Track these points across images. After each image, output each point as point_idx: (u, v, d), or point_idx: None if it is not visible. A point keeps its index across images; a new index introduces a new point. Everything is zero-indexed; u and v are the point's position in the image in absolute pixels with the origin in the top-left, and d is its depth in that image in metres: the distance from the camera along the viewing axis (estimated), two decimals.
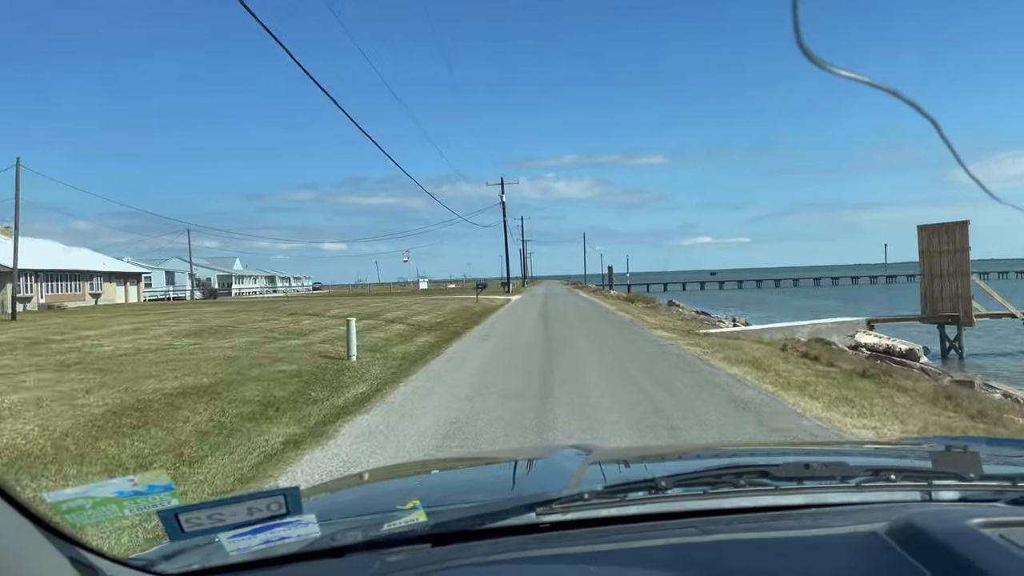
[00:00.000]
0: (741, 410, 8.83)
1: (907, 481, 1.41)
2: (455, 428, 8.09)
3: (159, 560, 1.23)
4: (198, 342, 18.05)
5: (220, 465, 6.75)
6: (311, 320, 26.37)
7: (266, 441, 7.73)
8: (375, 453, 7.09)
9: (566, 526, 1.27)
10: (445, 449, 7.19)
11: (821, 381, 11.47)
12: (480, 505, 1.34)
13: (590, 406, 9.13)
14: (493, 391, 10.54)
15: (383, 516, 1.27)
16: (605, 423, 8.11)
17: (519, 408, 9.11)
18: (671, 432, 7.65)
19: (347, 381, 12.01)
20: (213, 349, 16.24)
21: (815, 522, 1.21)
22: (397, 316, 28.50)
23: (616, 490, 1.36)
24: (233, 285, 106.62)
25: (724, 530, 1.21)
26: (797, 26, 0.88)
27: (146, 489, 1.04)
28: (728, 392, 10.26)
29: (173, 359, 14.29)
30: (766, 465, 1.48)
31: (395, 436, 7.81)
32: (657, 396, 9.86)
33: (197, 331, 21.42)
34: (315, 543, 1.16)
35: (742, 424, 7.99)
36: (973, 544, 1.02)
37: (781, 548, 1.14)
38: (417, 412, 9.17)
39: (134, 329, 22.77)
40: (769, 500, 1.34)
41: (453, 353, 16.48)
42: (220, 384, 11.02)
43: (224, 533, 1.06)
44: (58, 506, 0.99)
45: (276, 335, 19.99)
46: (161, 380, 11.36)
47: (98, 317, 32.67)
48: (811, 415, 8.60)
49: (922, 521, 1.12)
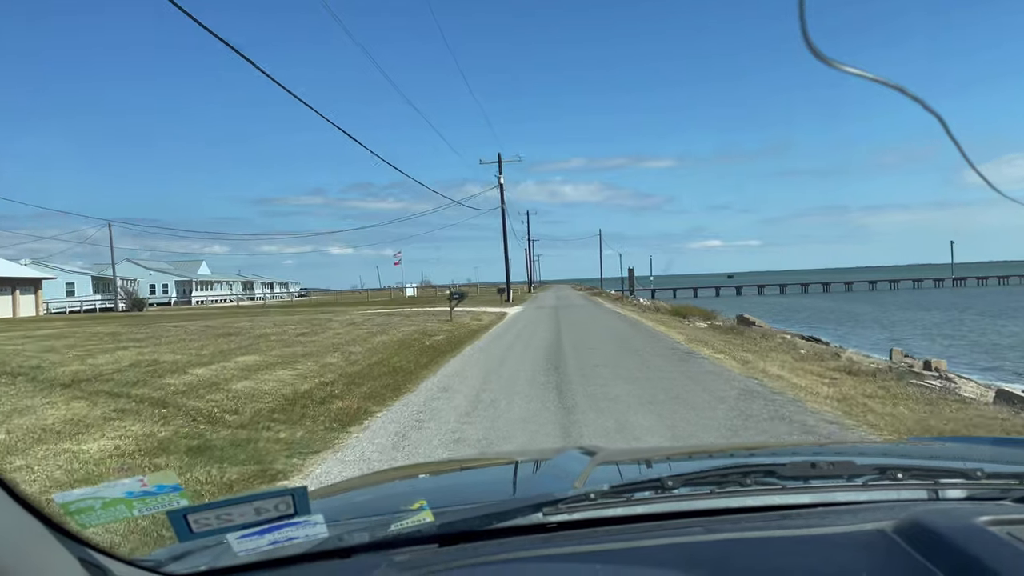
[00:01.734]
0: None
1: (914, 480, 1.41)
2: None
3: (168, 560, 1.24)
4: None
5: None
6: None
7: None
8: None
9: (572, 526, 1.28)
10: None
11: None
12: (486, 505, 1.36)
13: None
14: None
15: (390, 516, 1.25)
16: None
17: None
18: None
19: None
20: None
21: (822, 521, 1.21)
22: (214, 377, 12.30)
23: (622, 490, 1.35)
24: (195, 292, 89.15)
25: (730, 529, 1.22)
26: (804, 24, 0.88)
27: (155, 489, 1.03)
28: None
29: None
30: (772, 464, 1.48)
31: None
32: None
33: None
34: (322, 544, 1.16)
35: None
36: (980, 542, 1.03)
37: (788, 546, 1.15)
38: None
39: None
40: (776, 499, 1.34)
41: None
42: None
43: (232, 533, 1.06)
44: (67, 506, 0.98)
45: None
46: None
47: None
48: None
49: (929, 519, 1.13)
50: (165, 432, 8.07)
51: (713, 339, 19.46)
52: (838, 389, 10.41)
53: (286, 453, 7.20)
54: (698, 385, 10.81)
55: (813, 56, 0.90)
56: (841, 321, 40.15)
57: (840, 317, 43.63)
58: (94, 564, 0.97)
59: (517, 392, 10.54)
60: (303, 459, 7.02)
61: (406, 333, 22.30)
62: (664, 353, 15.64)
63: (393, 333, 22.27)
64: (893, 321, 38.93)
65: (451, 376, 12.79)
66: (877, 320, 39.84)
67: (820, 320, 40.97)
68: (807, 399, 9.48)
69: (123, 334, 23.31)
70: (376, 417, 9.12)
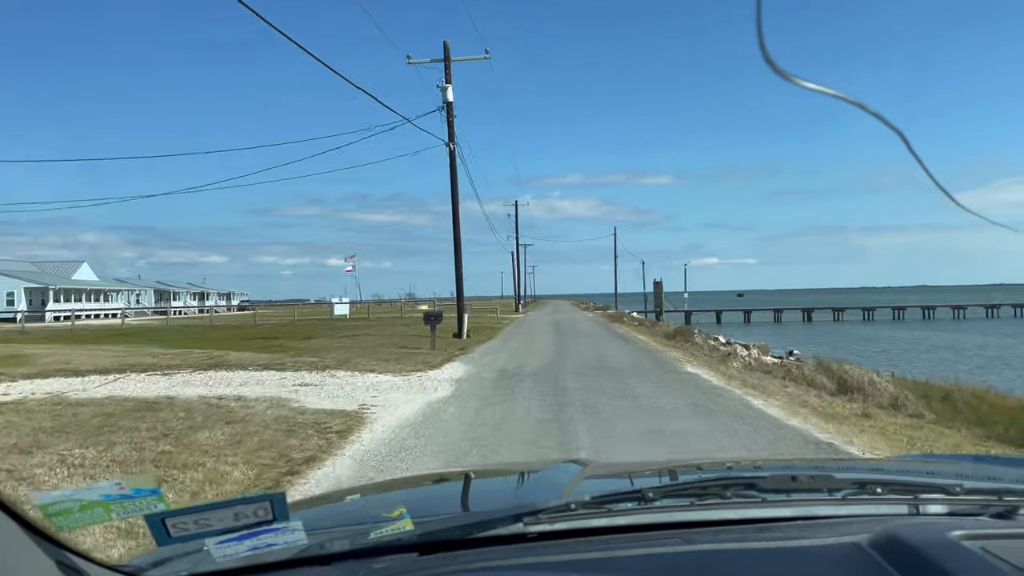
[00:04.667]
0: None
1: (893, 495, 1.42)
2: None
3: (147, 567, 1.23)
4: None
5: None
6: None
7: None
8: None
9: (553, 536, 1.28)
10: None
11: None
12: (467, 515, 1.42)
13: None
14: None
15: (370, 525, 1.25)
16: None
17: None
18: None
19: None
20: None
21: (800, 533, 1.22)
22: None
23: (604, 501, 1.36)
24: (51, 303, 64.69)
25: (709, 540, 1.22)
26: (761, 38, 0.86)
27: (133, 493, 1.03)
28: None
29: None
30: (753, 477, 1.50)
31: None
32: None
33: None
34: (302, 551, 1.16)
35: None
36: (953, 556, 1.03)
37: (765, 558, 1.16)
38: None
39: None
40: (756, 512, 1.35)
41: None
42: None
43: (211, 539, 1.06)
44: (46, 508, 0.97)
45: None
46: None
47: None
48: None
49: (904, 533, 1.14)
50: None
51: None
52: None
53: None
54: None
55: (772, 71, 0.89)
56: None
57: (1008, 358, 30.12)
58: (72, 567, 0.96)
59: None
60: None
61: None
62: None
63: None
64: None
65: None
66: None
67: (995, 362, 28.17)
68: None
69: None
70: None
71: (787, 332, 54.06)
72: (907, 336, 48.48)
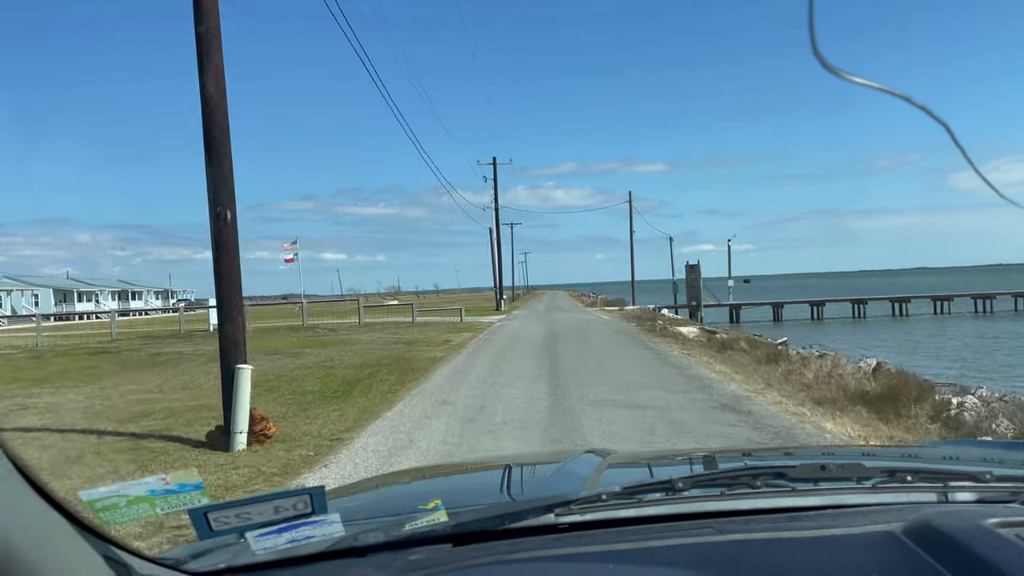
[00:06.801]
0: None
1: (923, 482, 1.41)
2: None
3: (187, 559, 1.25)
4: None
5: None
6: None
7: None
8: None
9: (584, 527, 1.29)
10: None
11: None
12: (500, 506, 1.41)
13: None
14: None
15: (405, 516, 1.26)
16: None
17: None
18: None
19: None
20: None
21: (832, 522, 1.22)
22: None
23: (633, 491, 1.36)
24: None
25: (741, 530, 1.22)
26: (813, 35, 0.88)
27: (177, 488, 1.05)
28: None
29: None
30: (782, 467, 1.48)
31: None
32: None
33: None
34: (338, 542, 1.17)
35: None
36: (989, 543, 1.04)
37: (798, 547, 1.16)
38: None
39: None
40: (786, 501, 1.35)
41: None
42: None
43: (251, 532, 1.07)
44: (93, 504, 1.00)
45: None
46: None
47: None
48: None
49: (938, 521, 1.13)
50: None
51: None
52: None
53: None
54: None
55: (822, 67, 0.90)
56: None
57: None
58: (118, 561, 0.98)
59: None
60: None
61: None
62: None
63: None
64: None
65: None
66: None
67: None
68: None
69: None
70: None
71: (882, 332, 36.73)
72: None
